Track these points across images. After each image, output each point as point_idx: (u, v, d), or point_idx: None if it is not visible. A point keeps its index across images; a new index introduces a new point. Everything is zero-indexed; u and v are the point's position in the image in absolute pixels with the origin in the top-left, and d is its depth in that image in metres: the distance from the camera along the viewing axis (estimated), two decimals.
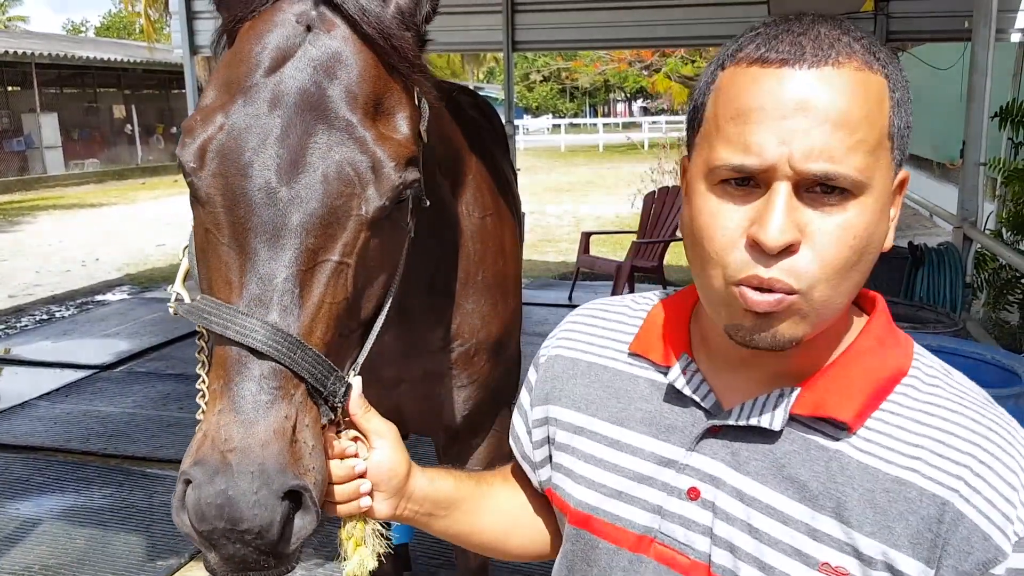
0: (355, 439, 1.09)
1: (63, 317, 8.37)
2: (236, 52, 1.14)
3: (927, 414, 0.89)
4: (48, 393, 5.85)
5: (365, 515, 1.10)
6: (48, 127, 23.68)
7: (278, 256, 1.03)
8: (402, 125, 1.17)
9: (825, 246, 0.82)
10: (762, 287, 0.83)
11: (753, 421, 0.93)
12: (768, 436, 0.93)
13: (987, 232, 5.95)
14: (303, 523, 0.99)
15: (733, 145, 0.84)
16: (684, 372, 1.02)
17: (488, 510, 1.23)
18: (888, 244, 0.91)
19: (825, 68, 0.81)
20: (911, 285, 5.25)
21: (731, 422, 0.95)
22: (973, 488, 0.83)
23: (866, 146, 0.82)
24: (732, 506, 0.93)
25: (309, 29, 1.13)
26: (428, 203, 1.28)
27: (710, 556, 0.94)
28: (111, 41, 34.72)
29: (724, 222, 0.86)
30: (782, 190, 0.82)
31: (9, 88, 24.61)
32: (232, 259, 1.05)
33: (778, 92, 0.82)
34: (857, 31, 0.87)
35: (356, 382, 1.10)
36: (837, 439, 0.90)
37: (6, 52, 21.18)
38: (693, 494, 0.96)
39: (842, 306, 0.87)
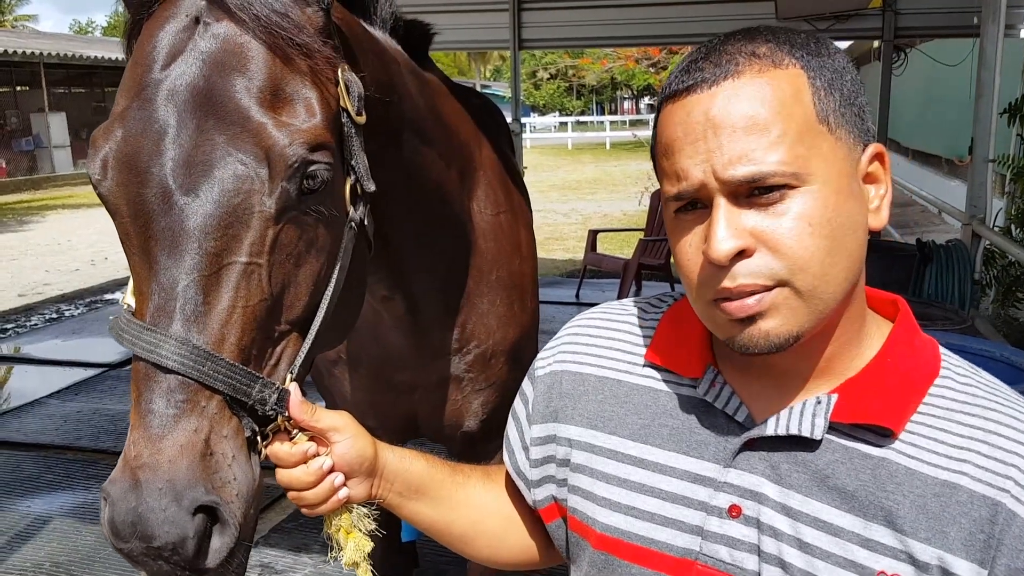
0: (311, 439, 1.05)
1: (72, 316, 8.42)
2: (135, 54, 1.10)
3: (967, 415, 0.88)
4: (58, 391, 5.88)
5: (345, 504, 1.08)
6: (56, 127, 23.79)
7: (178, 263, 0.99)
8: (305, 110, 1.08)
9: (781, 241, 0.84)
10: (733, 295, 0.86)
11: (793, 431, 0.91)
12: (807, 446, 0.91)
13: (996, 229, 5.93)
14: (222, 539, 0.96)
15: (669, 177, 0.90)
16: (713, 384, 0.99)
17: (460, 503, 1.18)
18: (878, 223, 0.92)
19: (724, 83, 0.86)
20: (919, 282, 5.25)
21: (769, 433, 0.93)
22: (1023, 487, 0.83)
23: (789, 139, 0.83)
24: (778, 521, 0.91)
25: (198, 22, 1.07)
26: (373, 187, 1.20)
27: (760, 574, 0.92)
28: (118, 40, 34.73)
29: (686, 248, 0.91)
30: (719, 204, 0.85)
31: (18, 88, 24.72)
32: (142, 270, 1.02)
33: (687, 119, 0.87)
34: (770, 34, 0.89)
35: (294, 387, 1.05)
36: (880, 446, 0.89)
37: (14, 52, 21.26)
38: (734, 512, 0.93)
39: (835, 294, 0.87)
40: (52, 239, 13.74)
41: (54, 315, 8.49)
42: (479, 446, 2.16)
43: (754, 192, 0.84)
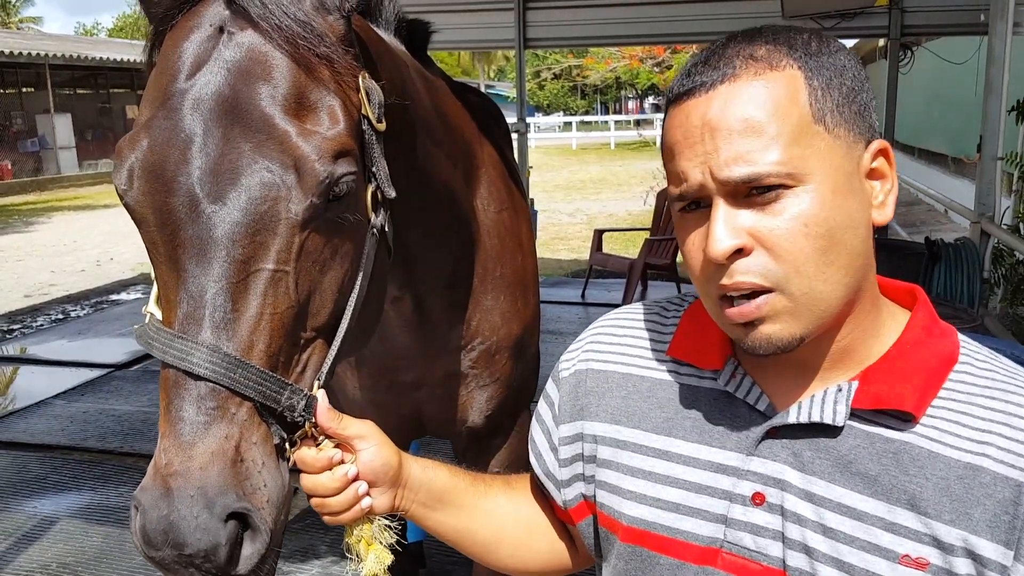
0: (337, 447, 1.06)
1: (78, 316, 8.43)
2: (160, 64, 1.11)
3: (988, 398, 0.89)
4: (64, 392, 5.89)
5: (368, 514, 1.09)
6: (62, 128, 23.85)
7: (207, 271, 0.99)
8: (329, 118, 1.09)
9: (777, 242, 0.86)
10: (732, 290, 0.88)
11: (815, 418, 0.92)
12: (829, 433, 0.92)
13: (1004, 227, 5.90)
14: (253, 545, 0.97)
15: (673, 179, 0.93)
16: (734, 375, 1.00)
17: (483, 511, 1.20)
18: (882, 219, 0.92)
19: (720, 87, 0.88)
20: (928, 281, 5.22)
21: (791, 421, 0.94)
22: None
23: (783, 139, 0.85)
24: (801, 508, 0.92)
25: (222, 31, 1.08)
26: (393, 193, 1.21)
27: (784, 561, 0.92)
28: (124, 42, 34.88)
29: (691, 245, 0.93)
30: (718, 204, 0.88)
31: (23, 89, 24.80)
32: (170, 278, 1.03)
33: (686, 123, 0.90)
34: (772, 35, 0.91)
35: (321, 394, 1.06)
36: (902, 430, 0.89)
37: (20, 53, 21.33)
38: (758, 499, 0.95)
39: (835, 292, 0.88)
40: (58, 240, 13.77)
41: (60, 316, 8.51)
42: (483, 441, 2.18)
43: (752, 192, 0.86)
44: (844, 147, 0.88)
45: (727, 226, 0.86)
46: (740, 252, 0.86)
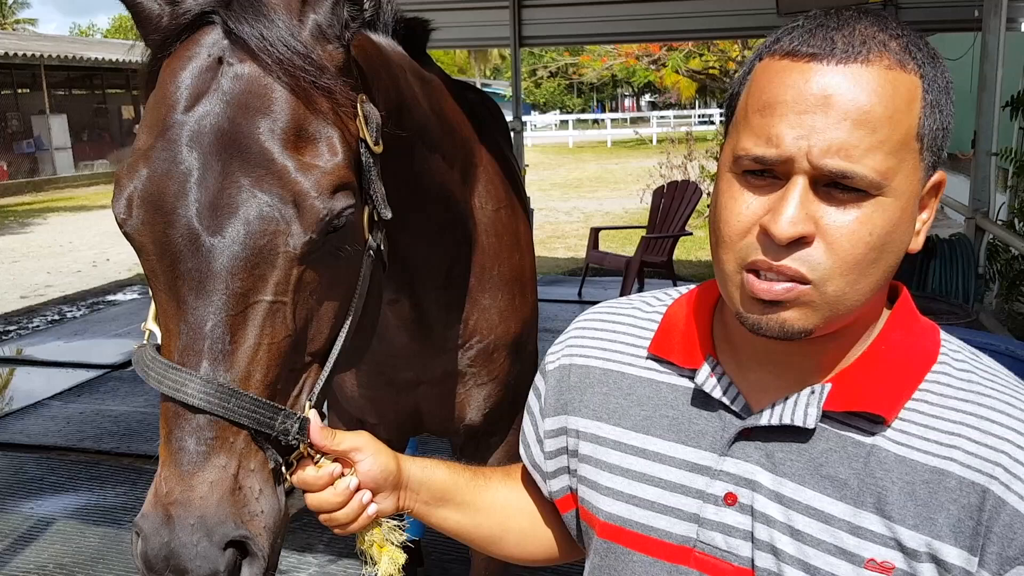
0: (336, 461, 1.08)
1: (74, 317, 8.41)
2: (158, 91, 1.10)
3: (961, 400, 0.88)
4: (60, 393, 5.88)
5: (375, 519, 1.11)
6: (57, 128, 23.76)
7: (206, 303, 1.01)
8: (328, 150, 1.09)
9: (839, 240, 0.82)
10: (771, 272, 0.84)
11: (786, 420, 0.92)
12: (802, 435, 0.92)
13: (999, 223, 5.91)
14: (251, 570, 1.00)
15: (756, 136, 0.85)
16: (711, 374, 1.00)
17: (485, 505, 1.21)
18: (915, 246, 0.91)
19: (853, 65, 0.82)
20: (924, 277, 5.23)
21: (763, 423, 0.93)
22: (1012, 474, 0.82)
23: (888, 146, 0.81)
24: (771, 509, 0.92)
25: (221, 62, 1.08)
26: (390, 214, 1.21)
27: (753, 561, 0.93)
28: (119, 42, 34.79)
29: (741, 208, 0.87)
30: (798, 183, 0.82)
31: (19, 90, 24.73)
32: (169, 308, 1.04)
33: (802, 86, 0.82)
34: (899, 28, 0.86)
35: (313, 415, 1.08)
36: (873, 433, 0.89)
37: (15, 54, 21.27)
38: (730, 499, 0.95)
39: (857, 304, 0.86)
40: (54, 241, 13.74)
41: (56, 317, 8.49)
42: (482, 439, 2.19)
43: (833, 184, 0.82)
44: (922, 171, 0.86)
45: (802, 210, 0.82)
46: (802, 240, 0.83)
